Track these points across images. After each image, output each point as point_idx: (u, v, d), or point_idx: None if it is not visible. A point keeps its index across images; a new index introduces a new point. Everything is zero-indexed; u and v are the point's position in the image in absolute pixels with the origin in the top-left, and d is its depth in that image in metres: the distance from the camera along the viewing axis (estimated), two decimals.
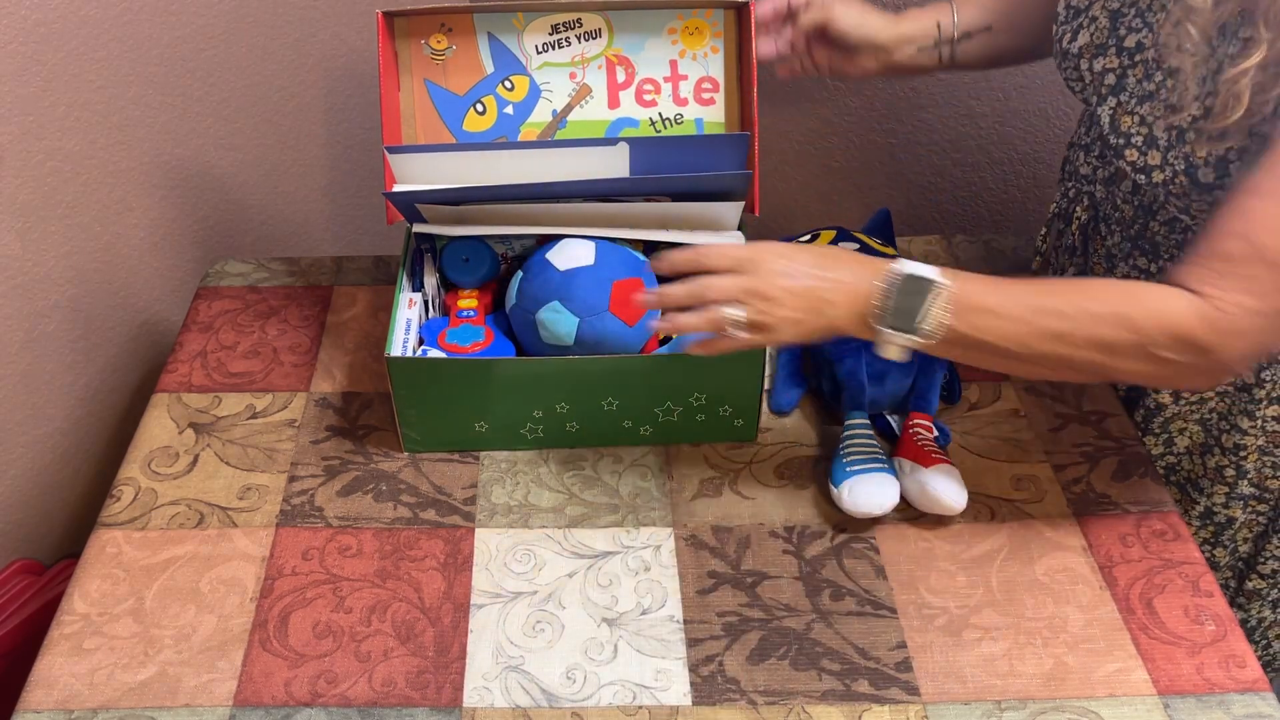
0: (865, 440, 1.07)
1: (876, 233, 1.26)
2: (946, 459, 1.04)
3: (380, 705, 0.89)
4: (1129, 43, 1.01)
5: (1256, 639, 1.23)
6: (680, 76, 1.17)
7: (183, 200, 1.50)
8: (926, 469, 1.02)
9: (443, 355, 1.08)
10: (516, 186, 1.06)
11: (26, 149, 1.24)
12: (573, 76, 1.16)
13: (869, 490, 1.01)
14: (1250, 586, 1.20)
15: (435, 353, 1.09)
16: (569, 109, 1.17)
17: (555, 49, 1.16)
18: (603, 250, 1.07)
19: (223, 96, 1.48)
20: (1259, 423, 1.09)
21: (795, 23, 1.20)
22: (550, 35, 1.15)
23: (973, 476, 1.06)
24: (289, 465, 1.10)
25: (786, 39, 1.21)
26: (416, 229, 1.10)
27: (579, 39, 1.15)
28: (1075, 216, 1.18)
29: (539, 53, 1.16)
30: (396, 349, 1.07)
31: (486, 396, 1.06)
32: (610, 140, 1.08)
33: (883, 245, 1.21)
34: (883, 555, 1.01)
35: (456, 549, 1.01)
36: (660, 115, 1.18)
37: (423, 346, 1.10)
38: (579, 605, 0.97)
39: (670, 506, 1.06)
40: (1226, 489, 1.14)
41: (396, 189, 1.09)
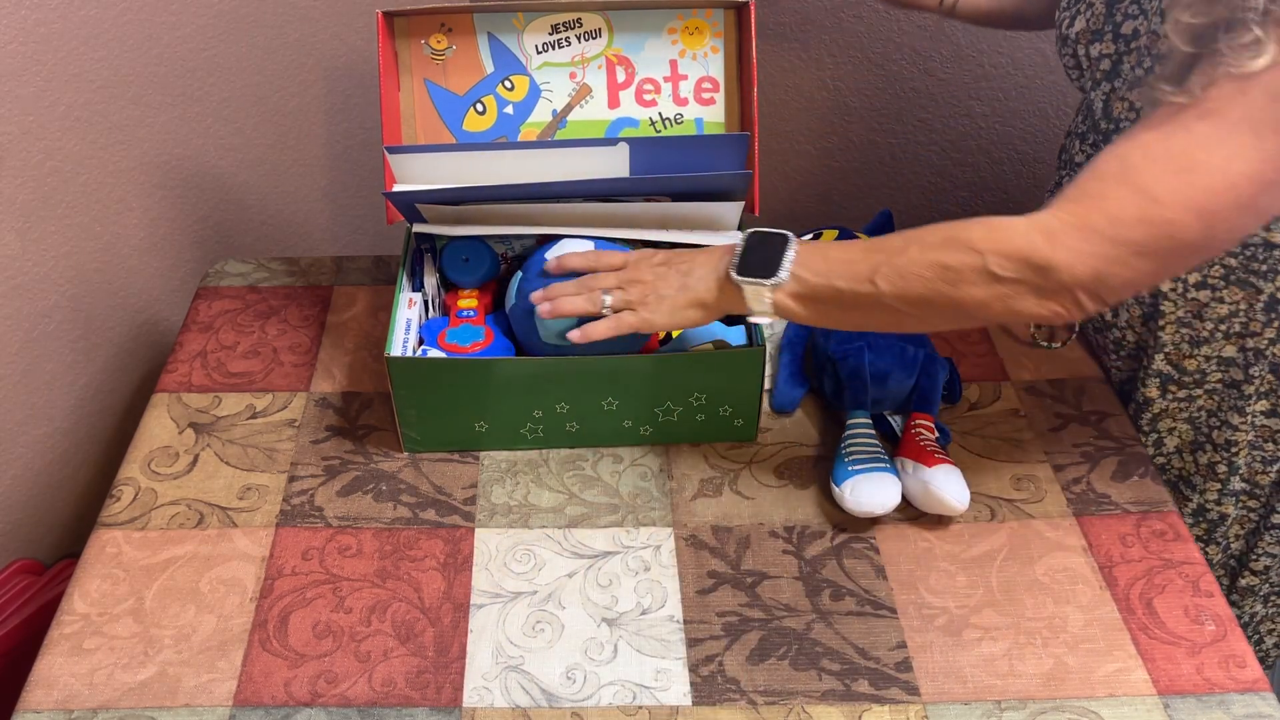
0: (867, 440, 1.07)
1: (878, 233, 1.26)
2: (949, 459, 1.04)
3: (380, 705, 0.89)
4: (1125, 29, 1.01)
5: (1249, 634, 1.23)
6: (680, 76, 1.17)
7: (182, 200, 1.50)
8: (929, 469, 1.02)
9: (443, 355, 1.08)
10: (516, 186, 1.06)
11: (26, 149, 1.24)
12: (573, 76, 1.16)
13: (871, 490, 1.01)
14: (1243, 583, 1.20)
15: (435, 353, 1.09)
16: (569, 109, 1.17)
17: (555, 49, 1.16)
18: None
19: (223, 96, 1.48)
20: (1249, 418, 1.09)
21: None
22: (550, 35, 1.15)
23: (973, 476, 1.06)
24: (289, 465, 1.10)
25: None
26: (416, 229, 1.10)
27: (579, 39, 1.15)
28: None
29: (539, 53, 1.16)
30: (396, 349, 1.07)
31: (486, 396, 1.06)
32: (610, 140, 1.08)
33: None
34: (883, 555, 1.01)
35: (456, 549, 1.01)
36: (660, 115, 1.18)
37: (423, 346, 1.10)
38: (579, 605, 0.97)
39: (670, 506, 1.06)
40: (1219, 485, 1.14)
41: (396, 189, 1.09)
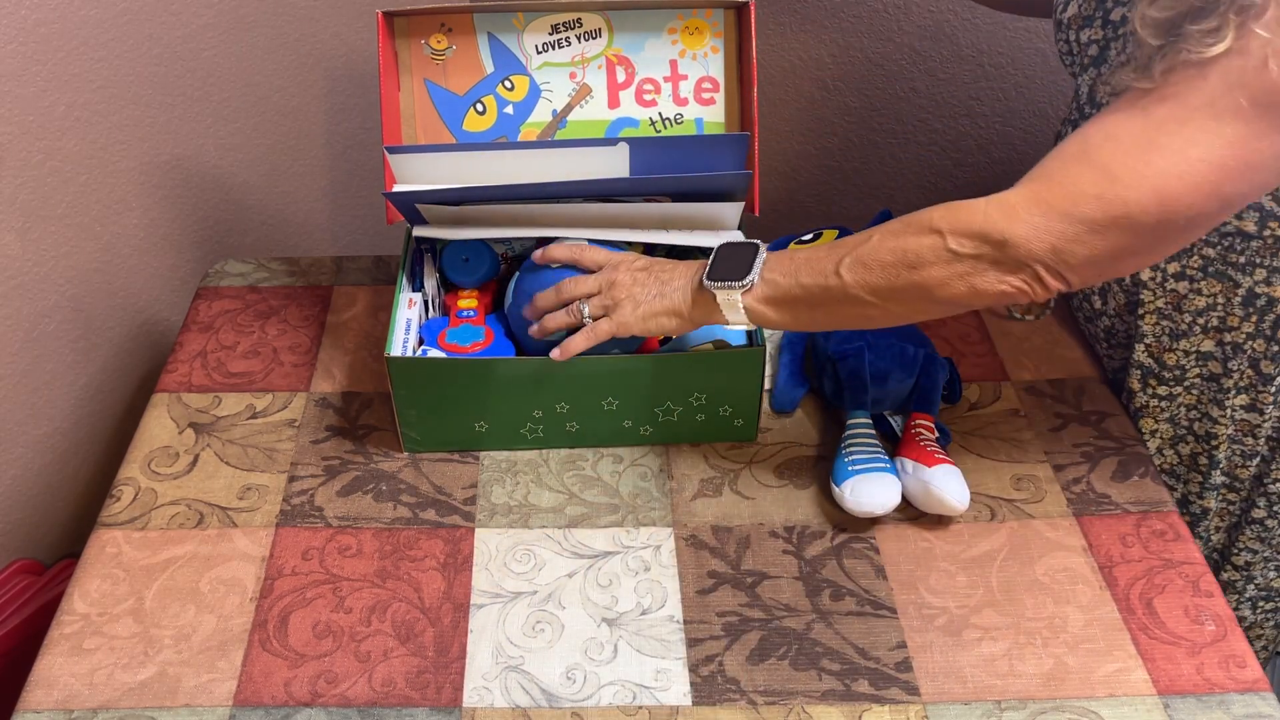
0: (867, 439, 1.07)
1: None
2: (949, 459, 1.04)
3: (380, 705, 0.89)
4: (1115, 16, 1.02)
5: None
6: (680, 76, 1.17)
7: (182, 200, 1.50)
8: (930, 468, 1.02)
9: (443, 355, 1.08)
10: (516, 187, 1.06)
11: (26, 149, 1.24)
12: (573, 76, 1.16)
13: (872, 489, 1.01)
14: (1224, 579, 1.20)
15: (435, 353, 1.09)
16: (569, 109, 1.17)
17: (555, 49, 1.16)
18: None
19: (223, 96, 1.48)
20: (1228, 412, 1.09)
21: None
22: (550, 35, 1.15)
23: (973, 476, 1.06)
24: (289, 465, 1.10)
25: None
26: (417, 232, 1.10)
27: (579, 39, 1.15)
28: None
29: (539, 52, 1.16)
30: (396, 349, 1.07)
31: (486, 396, 1.06)
32: (610, 140, 1.08)
33: None
34: (883, 555, 1.01)
35: (456, 549, 1.01)
36: (660, 115, 1.18)
37: (423, 346, 1.10)
38: (579, 605, 0.97)
39: (670, 506, 1.06)
40: (1200, 478, 1.15)
41: (396, 189, 1.08)
